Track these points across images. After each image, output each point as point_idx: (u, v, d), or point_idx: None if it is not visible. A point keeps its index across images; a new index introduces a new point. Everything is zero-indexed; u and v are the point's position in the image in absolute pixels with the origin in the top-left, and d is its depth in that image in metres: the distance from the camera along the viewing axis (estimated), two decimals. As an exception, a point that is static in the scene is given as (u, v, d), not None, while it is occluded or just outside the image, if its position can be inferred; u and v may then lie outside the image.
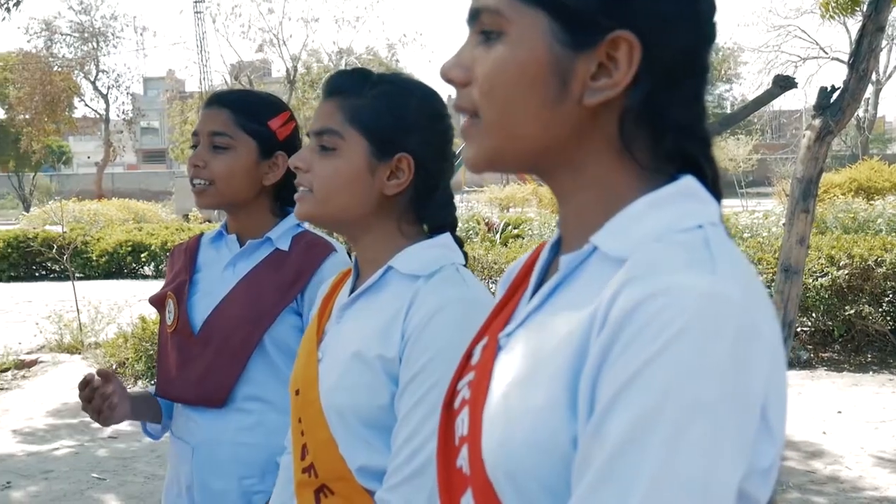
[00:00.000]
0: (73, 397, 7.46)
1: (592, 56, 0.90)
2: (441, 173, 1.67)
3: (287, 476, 1.77)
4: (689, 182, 0.93)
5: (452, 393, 1.07)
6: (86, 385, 2.08)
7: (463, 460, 0.98)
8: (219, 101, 2.19)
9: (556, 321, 0.91)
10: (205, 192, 2.15)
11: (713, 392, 0.77)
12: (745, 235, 11.91)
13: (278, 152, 2.16)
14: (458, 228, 1.72)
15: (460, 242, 1.69)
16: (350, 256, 2.18)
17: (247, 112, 2.15)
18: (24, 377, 8.37)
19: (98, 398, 2.08)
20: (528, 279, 1.05)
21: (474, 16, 0.96)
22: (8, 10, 8.43)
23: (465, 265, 1.64)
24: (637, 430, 0.77)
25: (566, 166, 0.96)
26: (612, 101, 0.91)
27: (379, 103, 1.60)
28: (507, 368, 0.95)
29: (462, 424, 1.00)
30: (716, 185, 0.95)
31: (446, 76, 0.97)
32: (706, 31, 0.94)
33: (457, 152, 2.54)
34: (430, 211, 1.66)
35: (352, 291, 1.66)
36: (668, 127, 0.93)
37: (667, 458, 0.76)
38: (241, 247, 2.20)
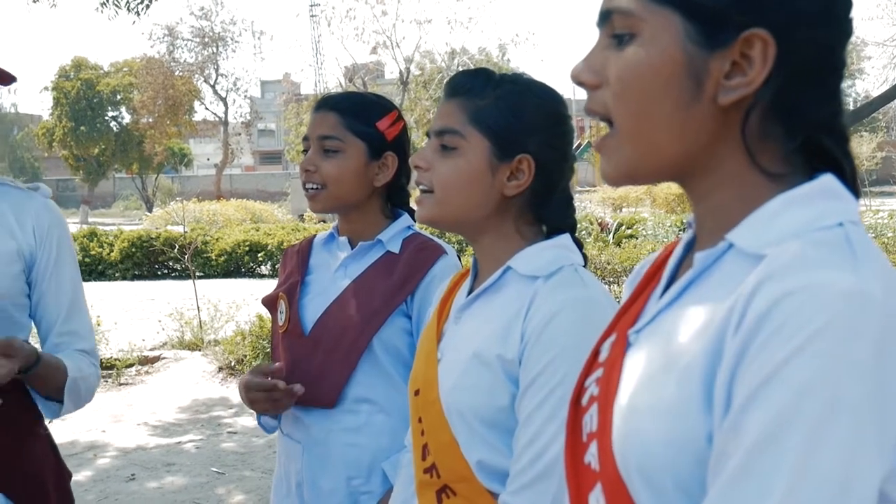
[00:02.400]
0: (196, 393, 7.66)
1: (726, 55, 0.89)
2: (561, 174, 1.66)
3: (409, 474, 1.78)
4: (828, 179, 0.91)
5: (580, 389, 1.06)
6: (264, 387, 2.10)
7: (591, 456, 0.97)
8: (327, 104, 2.21)
9: (690, 317, 0.90)
10: (317, 196, 2.17)
11: (854, 390, 0.75)
12: (870, 235, 11.55)
13: (388, 153, 2.17)
14: (575, 229, 1.71)
15: (580, 244, 1.68)
16: (460, 259, 2.19)
17: (355, 114, 2.17)
18: (147, 373, 8.62)
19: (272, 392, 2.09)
20: (658, 277, 1.04)
21: (605, 17, 0.95)
22: (138, 13, 8.72)
23: (584, 266, 1.63)
24: (776, 428, 0.76)
25: (701, 168, 0.95)
26: (744, 100, 0.90)
27: (501, 104, 1.60)
28: (638, 365, 0.95)
29: (591, 421, 0.99)
30: (854, 182, 0.93)
31: (577, 79, 0.97)
32: (842, 27, 0.92)
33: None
34: (549, 212, 1.65)
35: (470, 292, 1.66)
36: (804, 124, 0.91)
37: (806, 456, 0.75)
38: (352, 249, 2.21)
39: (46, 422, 2.14)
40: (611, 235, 15.23)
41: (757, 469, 0.76)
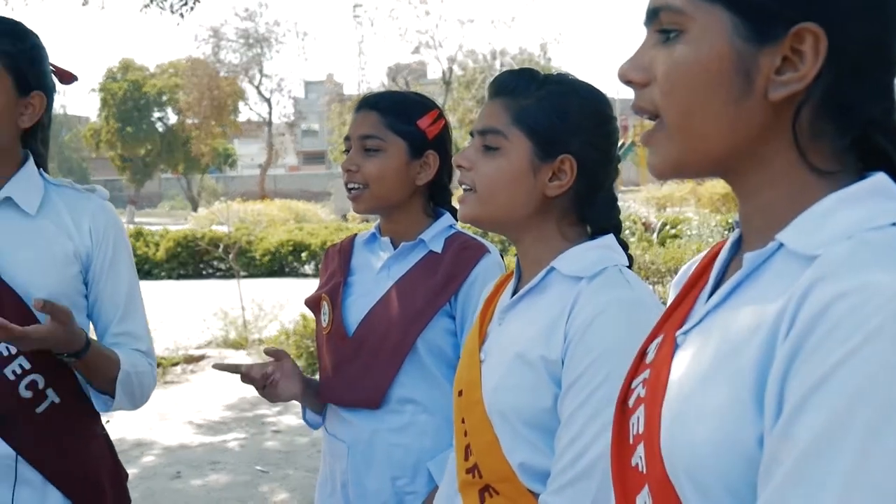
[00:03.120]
0: (241, 391, 7.72)
1: (777, 50, 0.88)
2: (604, 175, 1.65)
3: (453, 473, 1.78)
4: (881, 178, 0.89)
5: (627, 391, 1.05)
6: (254, 370, 2.18)
7: (639, 458, 0.97)
8: (367, 104, 2.22)
9: (740, 319, 0.89)
10: (360, 196, 2.17)
11: None
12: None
13: (429, 151, 2.17)
14: (620, 230, 1.70)
15: (625, 245, 1.67)
16: (503, 258, 2.18)
17: (395, 113, 2.17)
18: (192, 371, 8.71)
19: (259, 374, 2.17)
20: (706, 277, 1.03)
21: (652, 15, 0.94)
22: (181, 15, 8.81)
23: (629, 267, 1.62)
24: (829, 433, 0.74)
25: (750, 165, 0.93)
26: (794, 96, 0.89)
27: (544, 104, 1.60)
28: (686, 366, 0.94)
29: (638, 422, 0.99)
30: None
31: (624, 77, 0.96)
32: (895, 22, 0.90)
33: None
34: (592, 213, 1.65)
35: (514, 293, 1.66)
36: (856, 120, 0.90)
37: (860, 462, 0.73)
38: (394, 249, 2.21)
39: (104, 421, 2.16)
40: (655, 235, 15.13)
41: (809, 476, 0.75)
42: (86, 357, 1.95)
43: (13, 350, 1.94)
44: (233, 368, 2.19)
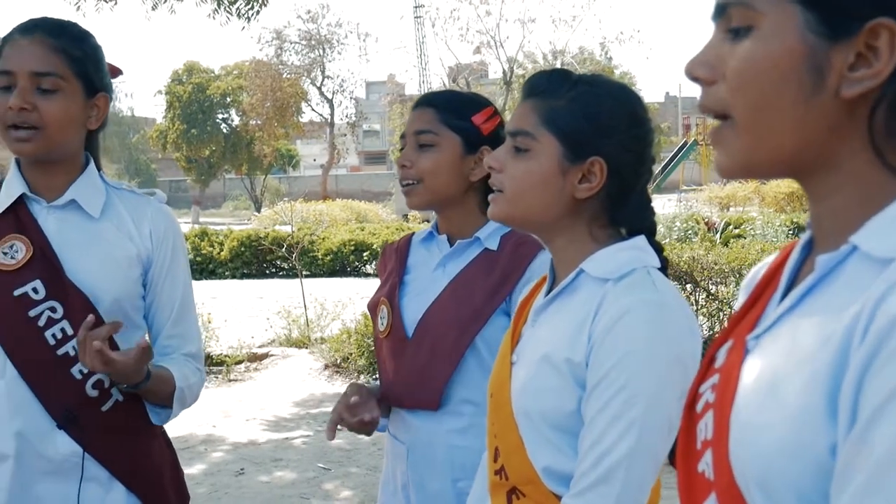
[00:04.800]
0: (303, 390, 7.79)
1: (850, 46, 0.86)
2: (637, 178, 1.63)
3: (485, 474, 1.79)
4: None
5: (694, 396, 1.03)
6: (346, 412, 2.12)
7: (706, 464, 0.95)
8: (424, 101, 2.23)
9: (813, 323, 0.87)
10: (413, 191, 2.18)
11: None
12: None
13: (483, 147, 2.16)
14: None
15: (658, 246, 1.65)
16: None
17: (450, 109, 2.17)
18: (256, 369, 8.81)
19: (349, 417, 2.11)
20: (777, 280, 1.01)
21: (721, 11, 0.92)
22: (248, 19, 8.92)
23: (661, 269, 1.60)
24: None
25: (822, 164, 0.91)
26: (868, 94, 0.87)
27: (574, 105, 1.58)
28: (758, 372, 0.92)
29: (705, 428, 0.97)
30: None
31: (691, 74, 0.94)
32: None
33: (672, 152, 2.49)
34: (624, 215, 1.63)
35: (547, 294, 1.66)
36: None
37: None
38: (450, 247, 2.21)
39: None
40: (718, 235, 14.96)
41: (885, 487, 0.73)
42: (146, 387, 2.00)
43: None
44: (334, 423, 2.14)
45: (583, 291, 1.57)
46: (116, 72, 2.22)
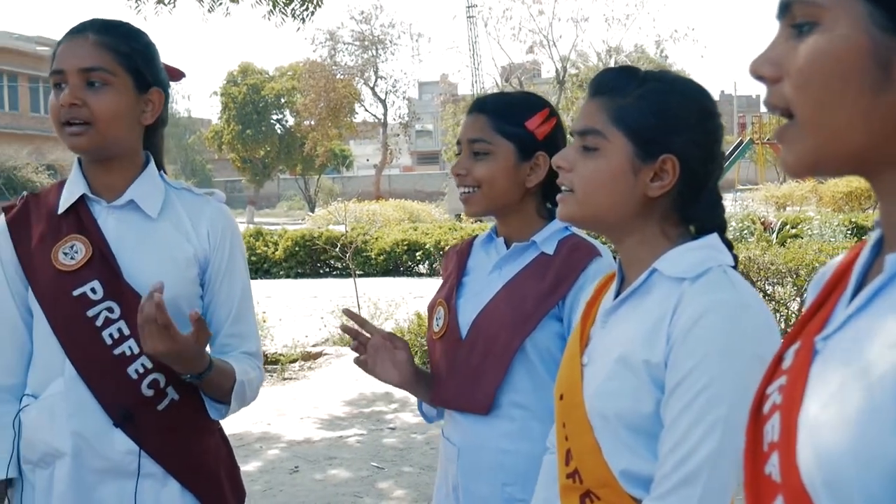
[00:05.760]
0: (356, 388, 7.83)
1: None
2: (708, 174, 1.61)
3: (550, 475, 1.77)
4: None
5: (761, 397, 1.02)
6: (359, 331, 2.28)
7: (772, 467, 0.93)
8: (477, 107, 2.21)
9: (884, 325, 0.85)
10: (471, 199, 2.17)
11: None
12: None
13: (539, 153, 2.14)
14: (731, 228, 1.65)
15: (729, 244, 1.62)
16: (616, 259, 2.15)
17: (502, 115, 2.15)
18: (310, 368, 8.87)
19: (367, 342, 2.26)
20: (846, 280, 0.99)
21: (785, 8, 0.91)
22: (303, 20, 8.99)
23: (734, 267, 1.58)
24: None
25: (890, 161, 0.89)
26: None
27: (644, 103, 1.56)
28: (827, 373, 0.90)
29: (772, 430, 0.95)
30: None
31: (756, 72, 0.93)
32: None
33: (727, 151, 2.46)
34: (695, 213, 1.61)
35: (616, 295, 1.63)
36: None
37: None
38: (507, 249, 2.20)
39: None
40: (774, 235, 14.77)
41: None
42: (209, 376, 2.02)
43: (136, 350, 2.01)
44: (360, 321, 2.29)
45: (657, 291, 1.55)
46: (179, 74, 2.24)
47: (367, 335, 2.27)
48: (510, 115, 2.16)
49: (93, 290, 2.02)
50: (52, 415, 2.02)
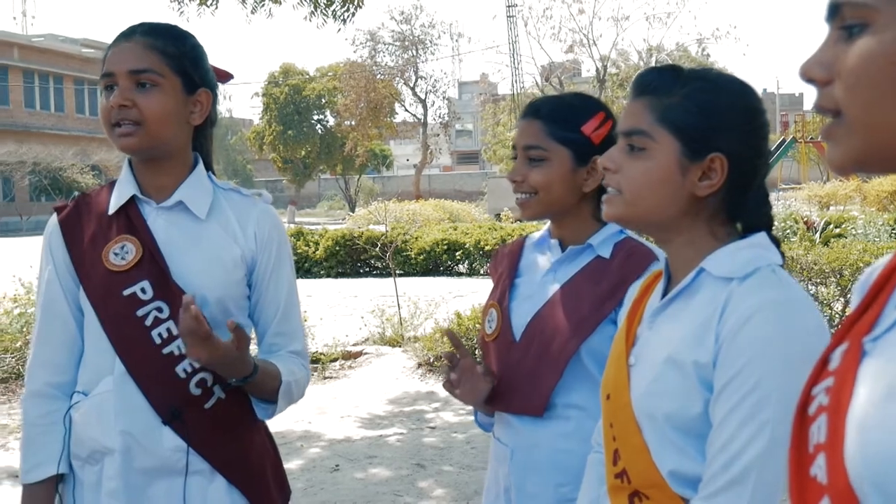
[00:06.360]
0: (397, 388, 7.85)
1: None
2: (756, 172, 1.59)
3: (596, 474, 1.77)
4: None
5: (807, 398, 1.01)
6: (454, 358, 2.18)
7: (818, 468, 0.93)
8: (531, 112, 2.19)
9: None
10: (527, 204, 2.16)
11: None
12: None
13: (595, 157, 2.10)
14: (773, 227, 1.64)
15: (777, 242, 1.61)
16: None
17: (557, 121, 2.13)
18: (350, 367, 8.90)
19: (461, 366, 2.16)
20: (893, 281, 0.98)
21: (834, 10, 0.91)
22: (343, 21, 9.05)
23: (781, 266, 1.57)
24: None
25: None
26: None
27: (690, 102, 1.55)
28: (876, 375, 0.89)
29: (818, 431, 0.95)
30: None
31: (806, 75, 0.93)
32: None
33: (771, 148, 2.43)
34: (743, 211, 1.60)
35: (663, 295, 1.63)
36: None
37: None
38: (562, 252, 2.19)
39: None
40: (817, 234, 14.61)
41: None
42: (253, 380, 2.04)
43: (184, 349, 2.03)
44: (456, 343, 2.19)
45: (705, 291, 1.54)
46: (227, 76, 2.27)
47: (459, 357, 2.20)
48: (566, 121, 2.14)
49: (142, 291, 2.05)
50: (102, 412, 2.06)
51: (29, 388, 2.13)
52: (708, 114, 1.55)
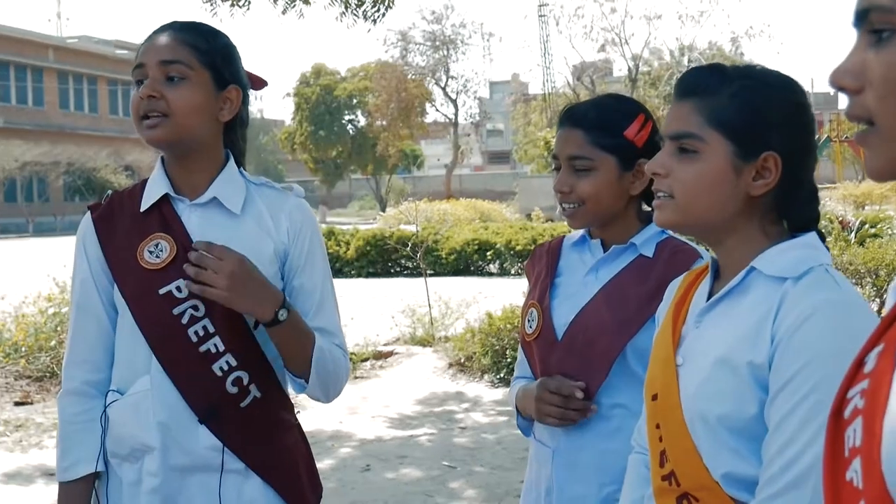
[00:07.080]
0: (428, 388, 7.87)
1: None
2: (806, 168, 1.58)
3: (638, 475, 1.75)
4: None
5: (841, 401, 1.00)
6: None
7: (854, 473, 0.91)
8: (571, 120, 2.16)
9: None
10: (576, 213, 2.14)
11: None
12: None
13: (640, 160, 2.08)
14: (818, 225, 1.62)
15: (823, 238, 1.60)
16: None
17: (599, 128, 2.11)
18: (381, 367, 8.92)
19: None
20: None
21: (862, 16, 0.90)
22: (374, 21, 9.06)
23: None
24: None
25: None
26: None
27: (738, 101, 1.53)
28: None
29: (854, 435, 0.93)
30: None
31: (837, 83, 0.91)
32: None
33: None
34: (794, 208, 1.58)
35: (710, 295, 1.61)
36: None
37: None
38: (604, 251, 2.18)
39: (296, 411, 2.26)
40: (853, 234, 14.45)
41: None
42: (287, 320, 2.00)
43: (221, 348, 2.04)
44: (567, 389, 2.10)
45: (756, 291, 1.53)
46: (261, 83, 2.28)
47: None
48: (608, 127, 2.12)
49: (178, 289, 2.05)
50: (139, 411, 2.06)
51: (66, 386, 2.14)
52: (758, 112, 1.53)
